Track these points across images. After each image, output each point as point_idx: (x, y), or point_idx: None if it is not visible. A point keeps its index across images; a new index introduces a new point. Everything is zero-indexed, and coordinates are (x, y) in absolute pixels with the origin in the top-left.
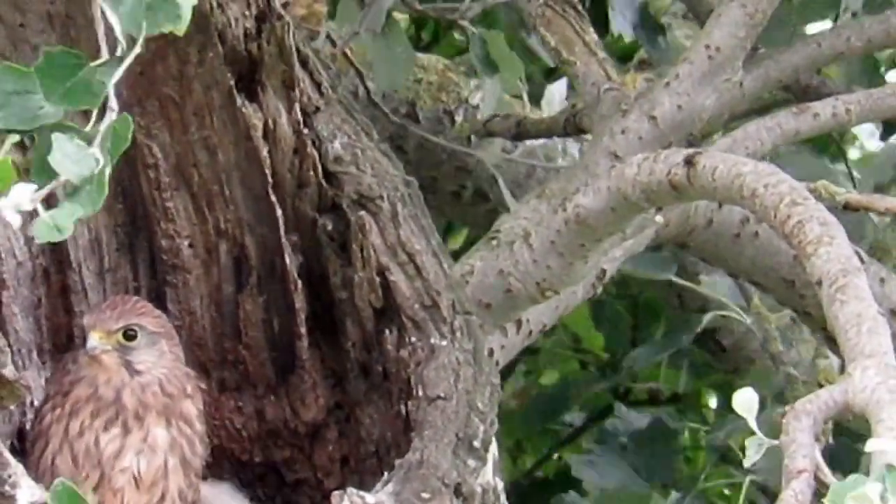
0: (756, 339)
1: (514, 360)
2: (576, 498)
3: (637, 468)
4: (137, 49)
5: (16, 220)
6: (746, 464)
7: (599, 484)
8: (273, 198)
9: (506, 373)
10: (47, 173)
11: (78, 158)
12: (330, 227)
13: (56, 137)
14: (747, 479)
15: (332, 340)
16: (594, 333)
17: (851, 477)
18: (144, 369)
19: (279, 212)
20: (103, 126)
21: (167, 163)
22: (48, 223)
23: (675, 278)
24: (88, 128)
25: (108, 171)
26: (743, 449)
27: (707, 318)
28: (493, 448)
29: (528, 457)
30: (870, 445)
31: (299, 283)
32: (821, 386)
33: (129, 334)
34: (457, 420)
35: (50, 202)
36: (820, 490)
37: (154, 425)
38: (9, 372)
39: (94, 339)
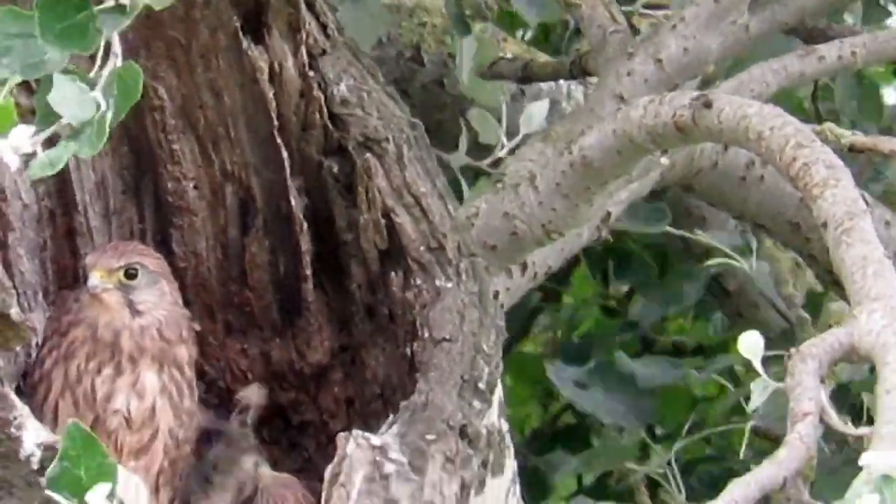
0: (767, 286)
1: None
2: (564, 456)
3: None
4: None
5: (14, 162)
6: (751, 407)
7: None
8: (279, 140)
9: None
10: (51, 118)
11: (79, 101)
12: (335, 170)
13: (57, 78)
14: (749, 423)
15: (337, 283)
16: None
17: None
18: (145, 309)
19: (285, 154)
20: (106, 71)
21: (173, 105)
22: (43, 161)
23: (670, 229)
24: (93, 73)
25: (109, 115)
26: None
27: (711, 264)
28: (499, 390)
29: (557, 403)
30: (864, 459)
31: (305, 225)
32: (830, 328)
33: (130, 273)
34: (462, 362)
35: (52, 146)
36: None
37: (146, 369)
38: (14, 314)
39: (96, 278)
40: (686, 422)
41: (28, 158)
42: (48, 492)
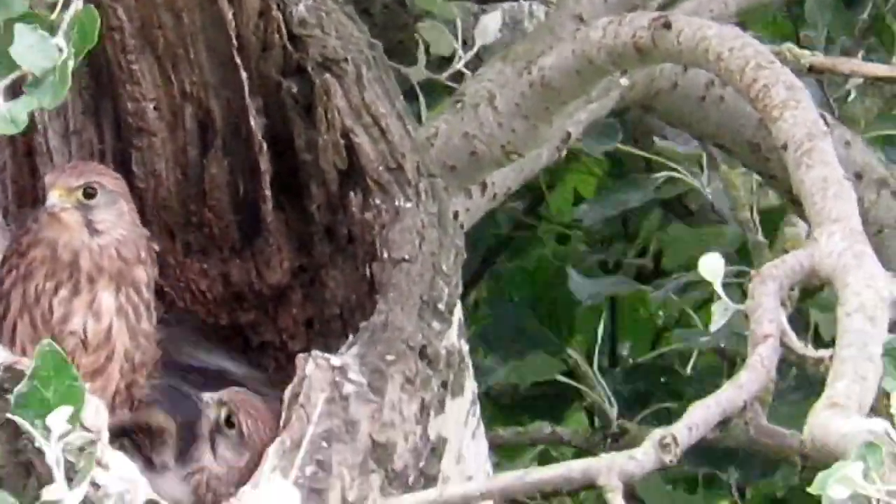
0: (723, 203)
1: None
2: (494, 365)
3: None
4: None
5: None
6: (712, 328)
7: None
8: (238, 61)
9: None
10: (10, 66)
11: (40, 49)
12: (294, 90)
13: (18, 28)
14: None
15: (296, 203)
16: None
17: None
18: (104, 229)
19: (244, 75)
20: (68, 15)
21: (132, 25)
22: (5, 116)
23: (621, 146)
24: (53, 16)
25: (71, 63)
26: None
27: (659, 176)
28: (458, 310)
29: None
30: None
31: (264, 145)
32: (786, 252)
33: (89, 192)
34: (421, 282)
35: (16, 93)
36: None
37: (103, 290)
38: None
39: (55, 197)
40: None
41: None
42: (10, 414)
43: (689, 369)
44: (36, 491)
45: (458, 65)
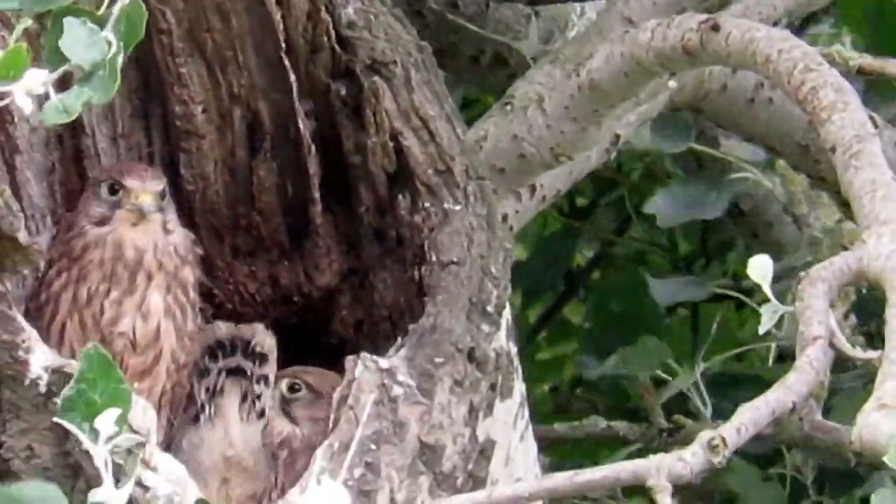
0: (776, 204)
1: None
2: (590, 360)
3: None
4: None
5: (27, 106)
6: (761, 330)
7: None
8: (286, 63)
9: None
10: (59, 58)
11: (89, 43)
12: (343, 93)
13: (67, 22)
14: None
15: (345, 206)
16: None
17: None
18: (172, 228)
19: (292, 77)
20: (116, 8)
21: (180, 28)
22: (57, 106)
23: (694, 145)
24: (101, 11)
25: (120, 57)
26: None
27: (736, 177)
28: (507, 312)
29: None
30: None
31: (313, 147)
32: (845, 249)
33: (163, 193)
34: (470, 285)
35: (65, 87)
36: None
37: (153, 290)
38: (22, 237)
39: (148, 201)
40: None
41: (41, 100)
42: (57, 419)
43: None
44: (84, 493)
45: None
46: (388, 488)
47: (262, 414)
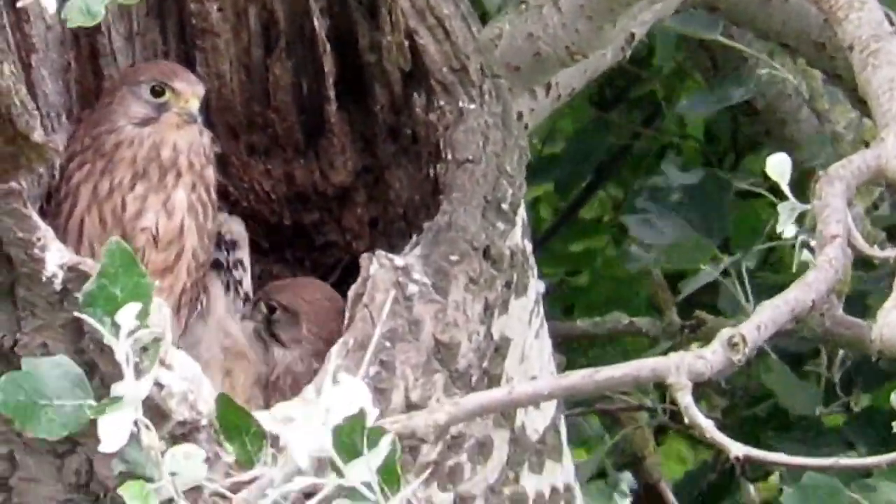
0: (789, 101)
1: None
2: (639, 252)
3: (693, 223)
4: None
5: (51, 5)
6: (779, 229)
7: (657, 241)
8: None
9: None
10: None
11: None
12: None
13: None
14: (799, 238)
15: (360, 104)
16: None
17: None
18: (203, 129)
19: None
20: None
21: None
22: (81, 8)
23: (721, 38)
24: None
25: None
26: None
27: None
28: (522, 211)
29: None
30: None
31: (328, 46)
32: (867, 144)
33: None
34: (485, 183)
35: None
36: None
37: (178, 188)
38: (38, 135)
39: (197, 105)
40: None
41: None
42: (78, 313)
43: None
44: (99, 389)
45: None
46: (402, 386)
47: (246, 299)
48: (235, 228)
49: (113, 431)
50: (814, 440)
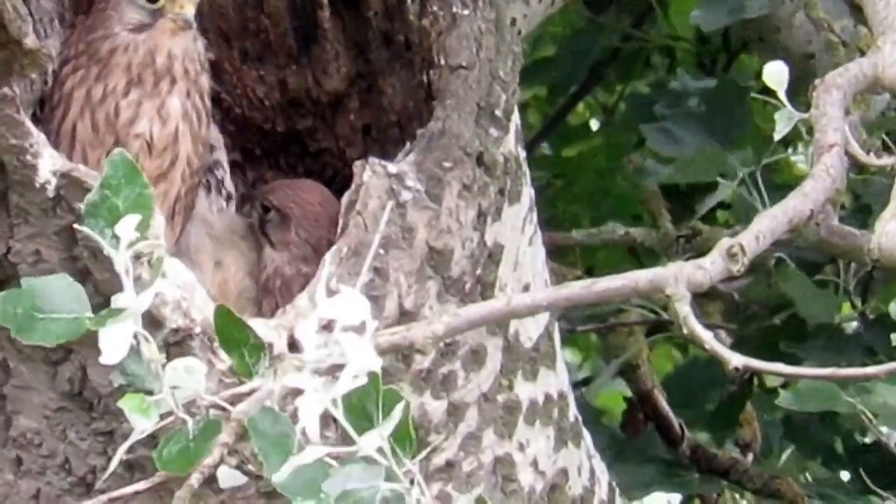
0: (782, 8)
1: None
2: (656, 166)
3: (712, 131)
4: None
5: None
6: (776, 137)
7: (675, 151)
8: None
9: None
10: None
11: None
12: None
13: None
14: (810, 150)
15: (353, 10)
16: None
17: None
18: (198, 36)
19: None
20: None
21: None
22: None
23: None
24: None
25: None
26: None
27: None
28: (515, 117)
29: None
30: None
31: None
32: (862, 53)
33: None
34: (479, 89)
35: None
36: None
37: (173, 94)
38: (30, 41)
39: (192, 10)
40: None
41: None
42: (72, 221)
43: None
44: (94, 297)
45: None
46: (395, 293)
47: (229, 197)
48: (213, 135)
49: (113, 343)
50: (835, 347)
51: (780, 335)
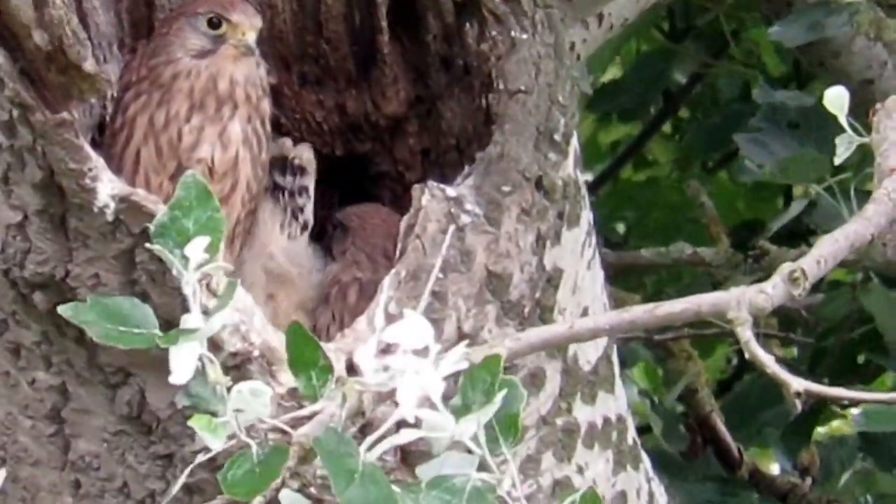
0: (843, 33)
1: None
2: (753, 166)
3: (804, 143)
4: None
5: None
6: (837, 161)
7: (769, 160)
8: None
9: None
10: None
11: None
12: None
13: None
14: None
15: (413, 34)
16: None
17: None
18: (260, 61)
19: None
20: None
21: None
22: None
23: None
24: None
25: None
26: None
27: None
28: (574, 141)
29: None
30: None
31: None
32: None
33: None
34: (537, 113)
35: None
36: None
37: (234, 120)
38: (90, 66)
39: (254, 37)
40: None
41: None
42: (131, 244)
43: None
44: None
45: None
46: (454, 317)
47: (305, 227)
48: (305, 155)
49: (182, 363)
50: None
51: (859, 349)
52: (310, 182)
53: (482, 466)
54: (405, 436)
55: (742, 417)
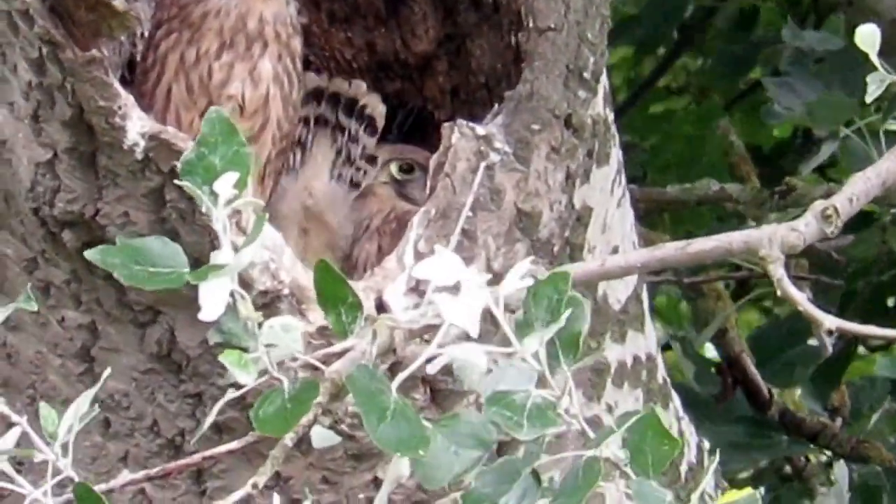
0: None
1: None
2: (780, 109)
3: (833, 86)
4: None
5: None
6: (867, 99)
7: (798, 104)
8: None
9: None
10: None
11: None
12: None
13: None
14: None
15: None
16: None
17: None
18: (290, 0)
19: None
20: None
21: None
22: None
23: None
24: None
25: None
26: None
27: None
28: (604, 79)
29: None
30: None
31: None
32: None
33: None
34: (567, 51)
35: None
36: None
37: (264, 58)
38: (119, 3)
39: None
40: None
41: None
42: (160, 182)
43: None
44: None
45: None
46: (484, 255)
47: (353, 182)
48: (379, 108)
49: (213, 300)
50: None
51: (889, 292)
52: (372, 142)
53: (540, 383)
54: (469, 350)
55: (769, 355)
